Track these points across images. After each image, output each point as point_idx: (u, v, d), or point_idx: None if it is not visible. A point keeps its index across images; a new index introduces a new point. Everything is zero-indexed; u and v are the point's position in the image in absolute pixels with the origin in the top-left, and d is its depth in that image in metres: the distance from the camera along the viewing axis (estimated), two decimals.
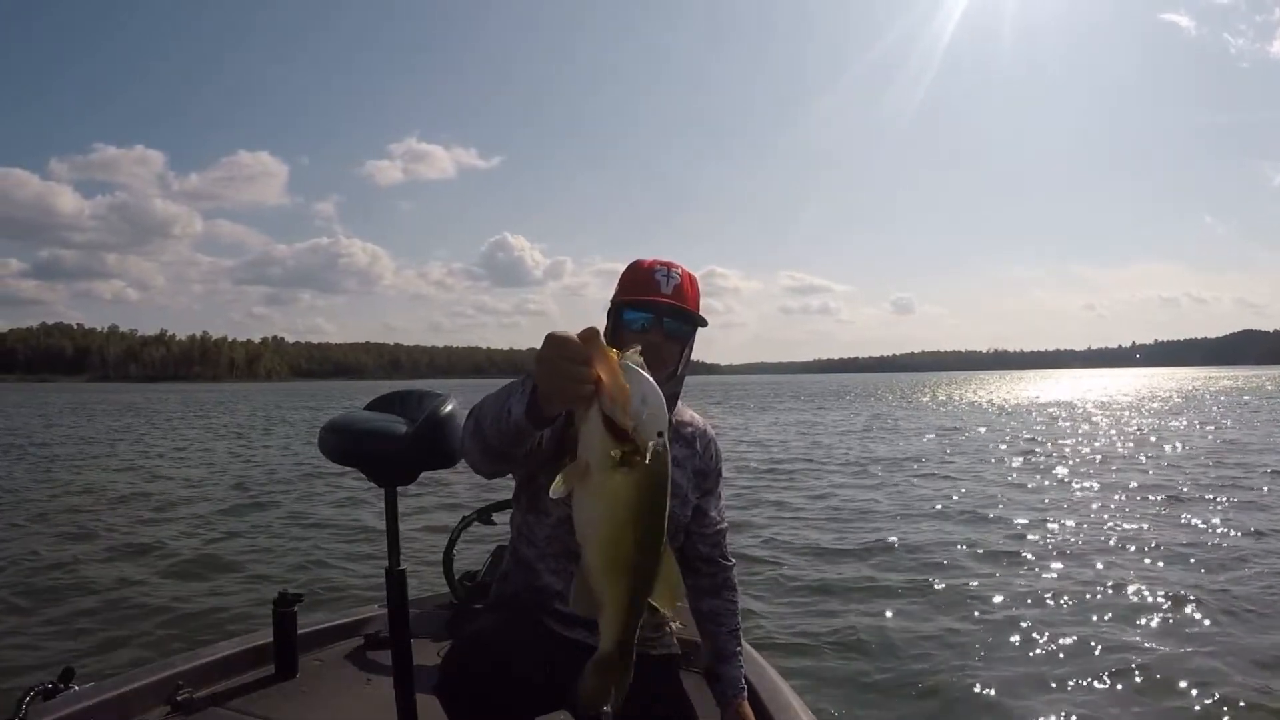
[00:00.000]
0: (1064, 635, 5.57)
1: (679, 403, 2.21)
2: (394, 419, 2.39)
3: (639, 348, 1.37)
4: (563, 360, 1.35)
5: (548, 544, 2.11)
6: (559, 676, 1.97)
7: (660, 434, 1.31)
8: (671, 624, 2.28)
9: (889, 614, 6.16)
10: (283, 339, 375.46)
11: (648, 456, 1.30)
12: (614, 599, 1.41)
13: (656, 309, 2.08)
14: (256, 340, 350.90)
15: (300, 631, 3.00)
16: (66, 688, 2.55)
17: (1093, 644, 5.40)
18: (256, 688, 2.85)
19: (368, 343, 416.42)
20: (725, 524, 2.36)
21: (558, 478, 1.32)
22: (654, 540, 1.38)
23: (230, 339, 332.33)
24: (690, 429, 2.27)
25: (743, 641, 2.40)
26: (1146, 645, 5.39)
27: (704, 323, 2.17)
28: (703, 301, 2.16)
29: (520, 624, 2.05)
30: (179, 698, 2.66)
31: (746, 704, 2.32)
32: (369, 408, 2.52)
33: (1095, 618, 5.98)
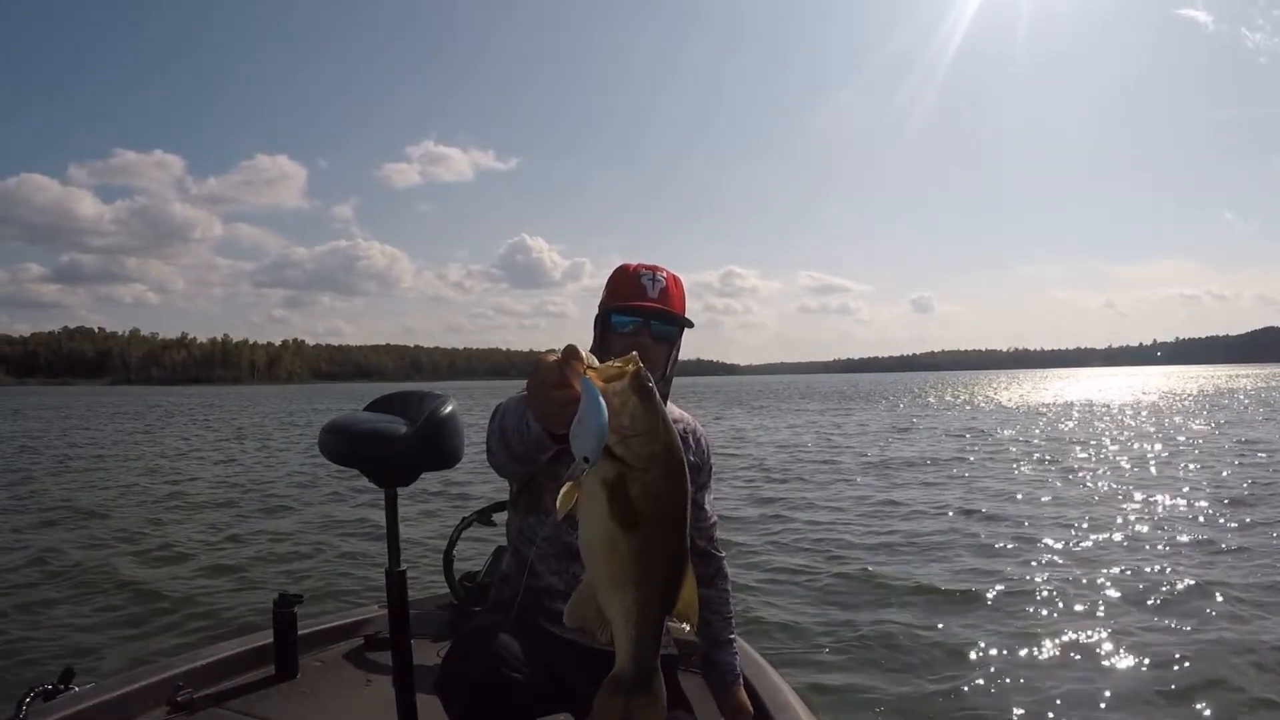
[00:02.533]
0: (1070, 641, 5.50)
1: (668, 402, 2.23)
2: (394, 420, 2.39)
3: (634, 354, 1.39)
4: (543, 387, 1.41)
5: (547, 544, 2.14)
6: (558, 678, 1.97)
7: (639, 444, 1.32)
8: (669, 623, 2.29)
9: (892, 619, 6.09)
10: (303, 341, 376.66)
11: (639, 468, 1.32)
12: (620, 613, 1.39)
13: (643, 313, 2.16)
14: (277, 343, 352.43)
15: (300, 632, 3.02)
16: (67, 688, 2.57)
17: (1099, 653, 5.31)
18: (257, 688, 2.86)
19: (388, 345, 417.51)
20: (716, 518, 2.41)
21: (560, 496, 1.31)
22: (661, 551, 1.36)
23: (251, 341, 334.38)
24: (680, 425, 2.29)
25: (738, 638, 2.42)
26: (1158, 660, 5.18)
27: (690, 324, 2.24)
28: (722, 302, 2.21)
29: (519, 625, 2.06)
30: (179, 698, 2.67)
31: (743, 690, 2.37)
32: (369, 409, 2.52)
33: (1104, 624, 5.88)
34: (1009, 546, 8.39)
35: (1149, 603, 6.33)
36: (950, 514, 10.28)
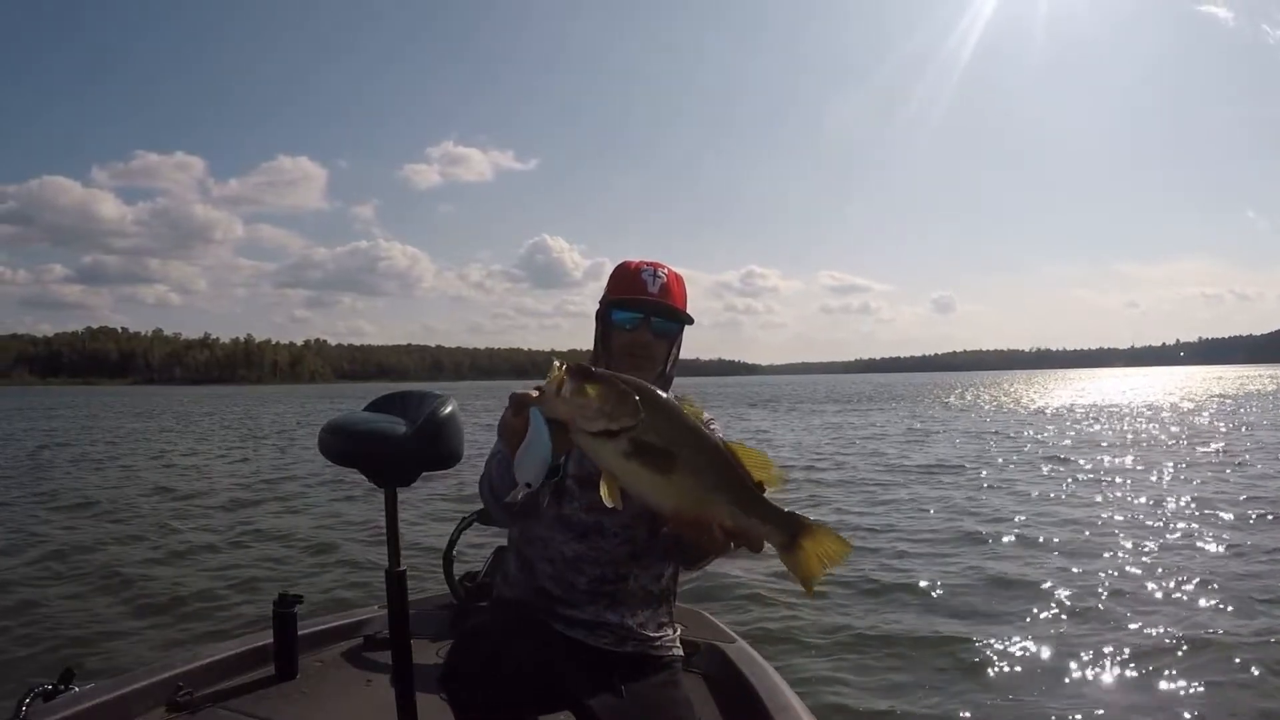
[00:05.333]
0: (1077, 653, 5.40)
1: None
2: (394, 420, 2.40)
3: (555, 361, 1.57)
4: (517, 440, 1.58)
5: (544, 546, 2.14)
6: (559, 677, 1.96)
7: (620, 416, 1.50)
8: (674, 626, 2.29)
9: (895, 624, 6.03)
10: (325, 341, 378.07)
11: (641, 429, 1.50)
12: (733, 511, 1.60)
13: (644, 308, 2.16)
14: (299, 343, 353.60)
15: (300, 632, 3.02)
16: (67, 688, 2.57)
17: (1113, 674, 5.16)
18: (257, 688, 2.86)
19: (409, 345, 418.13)
20: None
21: (602, 490, 1.53)
22: (710, 455, 1.58)
23: (273, 341, 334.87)
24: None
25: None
26: (1164, 679, 5.01)
27: (690, 321, 2.24)
28: (742, 301, 2.20)
29: (521, 623, 2.07)
30: (179, 699, 2.68)
31: None
32: (369, 408, 2.53)
33: (1122, 646, 5.59)
34: (1021, 555, 8.20)
35: (1178, 633, 5.81)
36: (966, 521, 10.01)
